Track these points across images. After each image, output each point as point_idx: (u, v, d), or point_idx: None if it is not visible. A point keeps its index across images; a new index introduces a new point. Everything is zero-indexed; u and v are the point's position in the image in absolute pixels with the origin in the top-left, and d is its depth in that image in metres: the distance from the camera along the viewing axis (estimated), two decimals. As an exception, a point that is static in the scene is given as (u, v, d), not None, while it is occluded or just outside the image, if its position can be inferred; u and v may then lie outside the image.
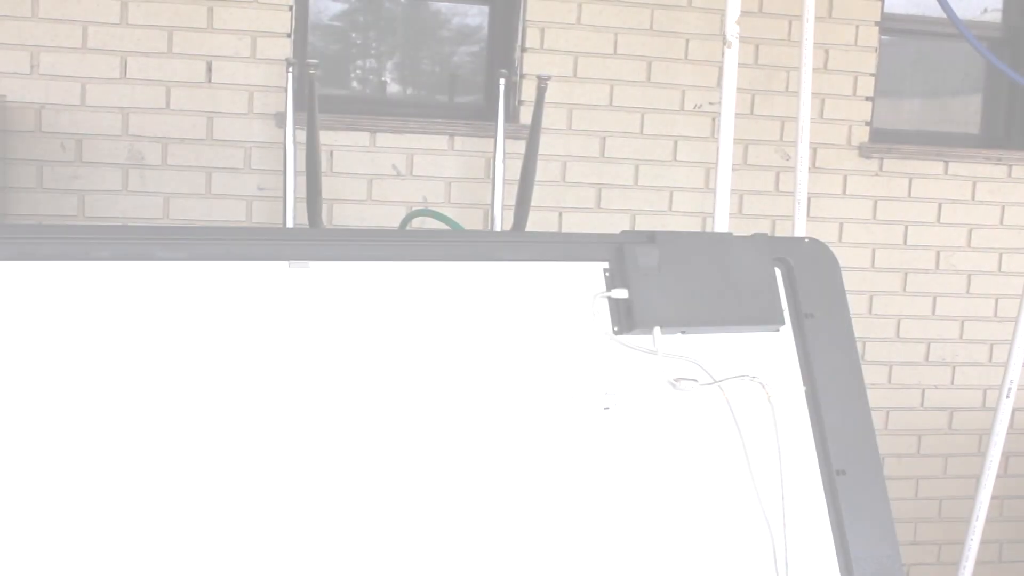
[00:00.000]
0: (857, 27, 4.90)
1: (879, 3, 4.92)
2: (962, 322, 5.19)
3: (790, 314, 2.24)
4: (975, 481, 3.55)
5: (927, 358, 5.16)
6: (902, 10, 5.12)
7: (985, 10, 5.33)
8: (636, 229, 4.61)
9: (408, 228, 4.10)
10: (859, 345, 4.89)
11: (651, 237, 2.16)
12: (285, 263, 1.95)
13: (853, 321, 2.28)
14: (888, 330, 5.09)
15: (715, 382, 2.12)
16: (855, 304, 4.89)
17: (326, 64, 4.67)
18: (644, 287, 2.11)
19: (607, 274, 2.13)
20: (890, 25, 5.03)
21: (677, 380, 2.11)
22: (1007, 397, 3.05)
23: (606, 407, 2.06)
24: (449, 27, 4.90)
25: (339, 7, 4.80)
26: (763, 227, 4.60)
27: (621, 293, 2.11)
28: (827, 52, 4.87)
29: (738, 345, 2.18)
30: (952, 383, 5.21)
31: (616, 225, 4.60)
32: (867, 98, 4.96)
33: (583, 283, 2.12)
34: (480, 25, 4.84)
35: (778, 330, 2.21)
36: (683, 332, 2.13)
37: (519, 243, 2.12)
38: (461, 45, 4.92)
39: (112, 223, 4.26)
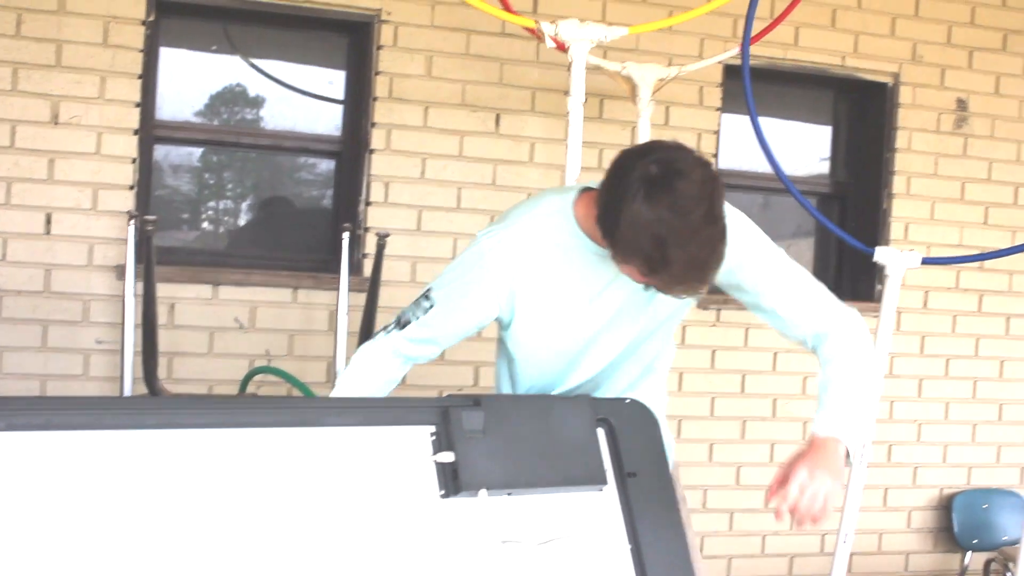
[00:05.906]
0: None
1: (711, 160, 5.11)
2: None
3: (613, 473, 2.29)
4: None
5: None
6: (736, 167, 5.35)
7: (820, 159, 5.61)
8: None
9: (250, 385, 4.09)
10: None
11: (476, 401, 2.21)
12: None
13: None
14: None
15: (542, 542, 2.15)
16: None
17: (170, 216, 4.67)
18: (470, 450, 2.14)
19: (434, 438, 2.16)
20: (726, 180, 5.22)
21: (505, 541, 2.14)
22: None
23: (436, 570, 2.07)
24: (295, 180, 4.95)
25: (184, 158, 4.81)
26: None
27: (447, 457, 2.13)
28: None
29: (564, 505, 2.22)
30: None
31: (454, 375, 4.63)
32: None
33: (410, 447, 2.14)
34: (327, 178, 4.90)
35: (602, 489, 2.26)
36: (509, 493, 2.17)
37: (344, 408, 2.14)
38: (306, 198, 4.97)
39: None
